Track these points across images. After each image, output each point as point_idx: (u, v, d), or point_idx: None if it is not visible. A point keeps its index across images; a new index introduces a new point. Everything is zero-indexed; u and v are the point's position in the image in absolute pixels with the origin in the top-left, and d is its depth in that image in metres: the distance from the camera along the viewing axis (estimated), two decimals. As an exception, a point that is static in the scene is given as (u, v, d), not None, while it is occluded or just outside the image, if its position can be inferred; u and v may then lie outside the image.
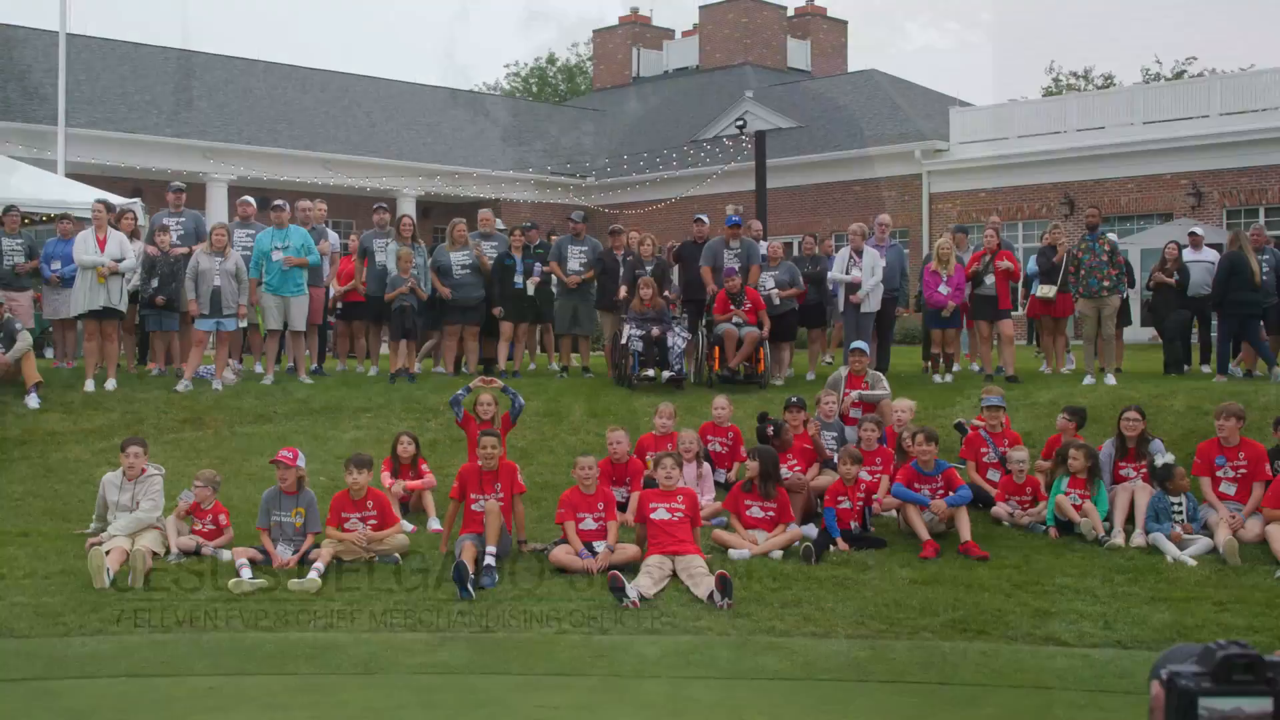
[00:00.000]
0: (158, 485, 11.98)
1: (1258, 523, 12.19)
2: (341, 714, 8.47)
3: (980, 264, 18.12)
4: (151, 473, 12.04)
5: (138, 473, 11.94)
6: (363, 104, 42.30)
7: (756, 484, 12.13)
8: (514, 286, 18.81)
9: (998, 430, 13.66)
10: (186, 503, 11.85)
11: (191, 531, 11.81)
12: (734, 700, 8.71)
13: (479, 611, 10.37)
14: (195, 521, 11.87)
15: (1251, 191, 31.58)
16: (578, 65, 75.16)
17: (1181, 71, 60.27)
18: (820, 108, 42.35)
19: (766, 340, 17.63)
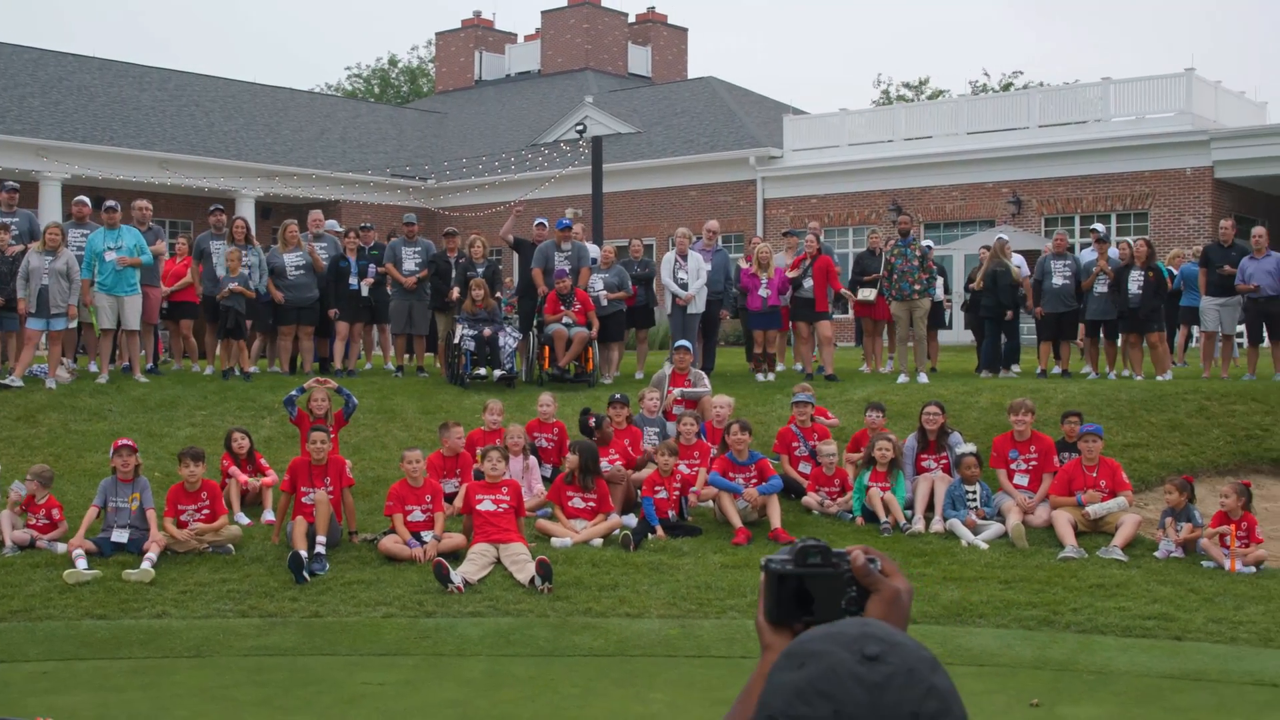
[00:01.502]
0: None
1: (1046, 509, 13.11)
2: (175, 694, 8.87)
3: (800, 268, 18.92)
4: (-16, 468, 12.24)
5: (-30, 468, 12.13)
6: (201, 103, 41.92)
7: (577, 476, 12.73)
8: (349, 288, 19.16)
9: (808, 425, 14.41)
10: (19, 495, 12.06)
11: (26, 525, 12.02)
12: (549, 675, 9.31)
13: (310, 597, 10.83)
14: (30, 516, 12.09)
15: (1068, 200, 32.99)
16: (420, 67, 75.11)
17: (1009, 84, 62.28)
18: (659, 114, 43.13)
19: (595, 340, 18.24)
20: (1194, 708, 8.58)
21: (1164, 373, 18.35)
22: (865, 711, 1.43)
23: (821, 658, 1.49)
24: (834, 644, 1.51)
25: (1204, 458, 14.88)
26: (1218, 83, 33.96)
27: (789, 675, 1.50)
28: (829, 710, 1.44)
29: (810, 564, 1.83)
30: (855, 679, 1.45)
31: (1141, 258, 18.22)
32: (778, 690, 1.49)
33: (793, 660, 1.52)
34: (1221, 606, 10.66)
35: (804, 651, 1.52)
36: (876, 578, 1.80)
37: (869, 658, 1.48)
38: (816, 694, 1.45)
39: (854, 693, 1.45)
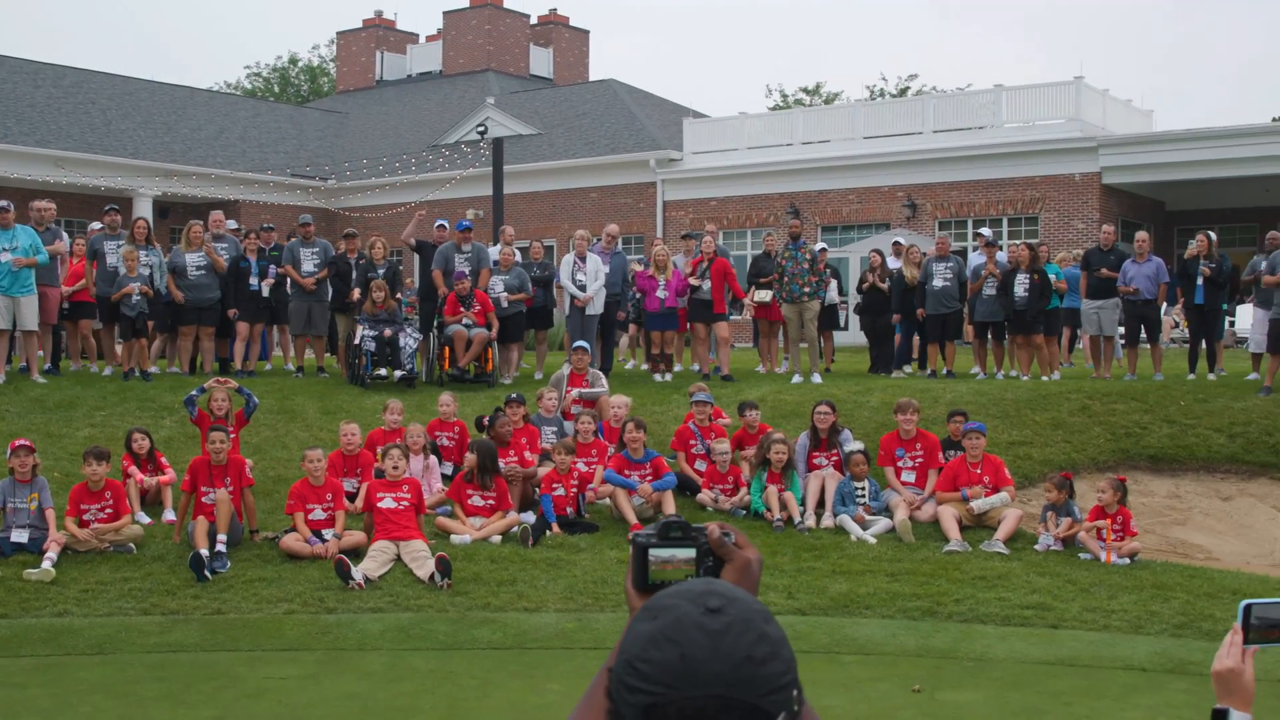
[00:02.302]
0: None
1: (932, 505, 13.55)
2: (77, 690, 8.97)
3: (697, 271, 19.26)
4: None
5: None
6: (98, 101, 41.45)
7: (476, 475, 12.96)
8: (249, 288, 19.20)
9: (705, 424, 14.73)
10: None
11: (-77, 526, 12.03)
12: (449, 668, 9.54)
13: (211, 595, 10.97)
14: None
15: (961, 204, 33.70)
16: (320, 66, 74.69)
17: (905, 89, 63.21)
18: (560, 115, 43.37)
19: (495, 341, 18.45)
20: (1067, 691, 9.00)
21: (1051, 373, 18.92)
22: (707, 654, 1.68)
23: (671, 610, 1.75)
24: (682, 599, 1.76)
25: (1085, 455, 15.41)
26: (1105, 91, 34.83)
27: (644, 626, 1.75)
28: (676, 654, 1.69)
29: (671, 538, 2.09)
30: (698, 627, 1.70)
31: (1025, 261, 18.74)
32: (635, 638, 1.74)
33: (648, 613, 1.77)
34: (1096, 596, 11.14)
35: (657, 606, 1.77)
36: (729, 548, 2.07)
37: (711, 610, 1.73)
38: (666, 640, 1.70)
39: (697, 639, 1.69)
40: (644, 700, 1.67)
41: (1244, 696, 2.96)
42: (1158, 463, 15.43)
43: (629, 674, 1.70)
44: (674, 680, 1.67)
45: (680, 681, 1.67)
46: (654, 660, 1.69)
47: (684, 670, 1.68)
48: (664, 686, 1.67)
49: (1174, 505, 14.83)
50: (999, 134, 33.75)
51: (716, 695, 1.66)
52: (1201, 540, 13.99)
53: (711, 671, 1.67)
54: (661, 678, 1.67)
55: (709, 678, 1.67)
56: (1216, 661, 2.96)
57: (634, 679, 1.69)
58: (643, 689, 1.68)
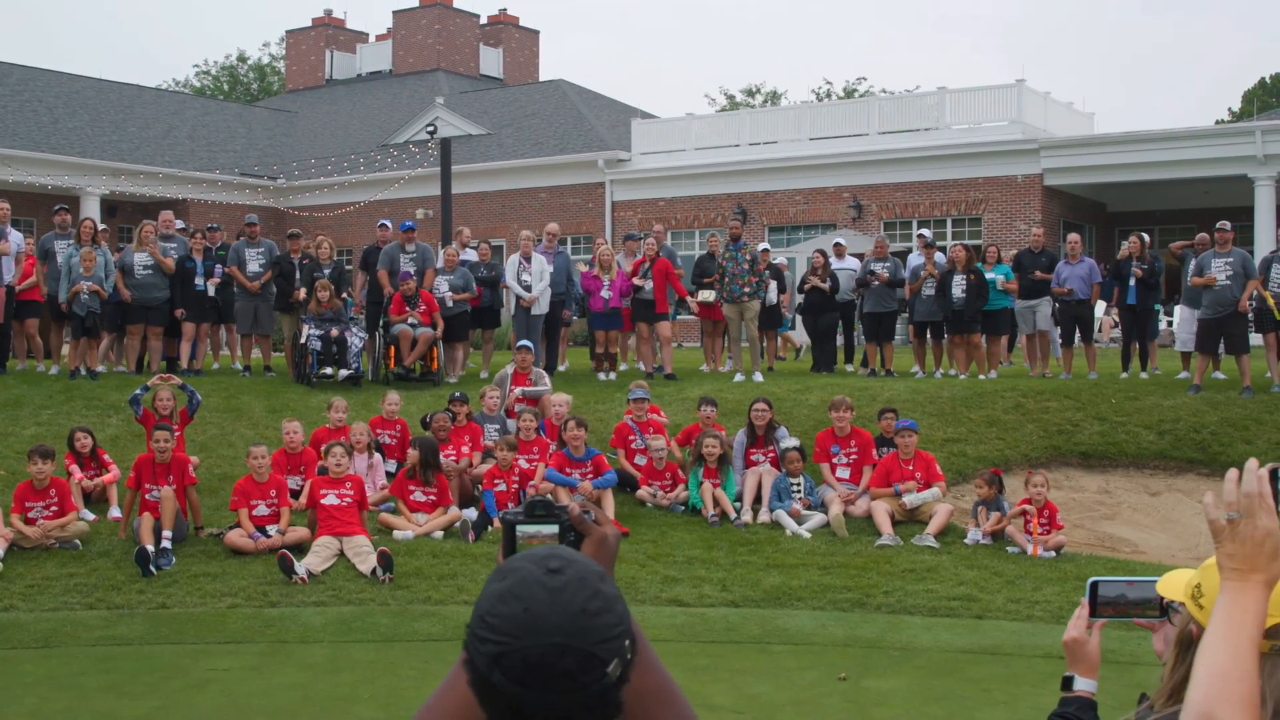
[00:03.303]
0: None
1: (866, 500, 13.88)
2: (23, 683, 9.15)
3: (639, 271, 19.52)
4: None
5: None
6: (44, 99, 41.24)
7: (418, 471, 13.19)
8: (195, 288, 19.32)
9: (643, 420, 15.00)
10: None
11: None
12: (389, 659, 9.79)
13: (156, 590, 11.17)
14: None
15: (905, 205, 34.09)
16: (270, 65, 74.51)
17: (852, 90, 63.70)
18: (510, 116, 43.52)
19: (440, 340, 18.66)
20: (987, 678, 9.33)
21: (989, 372, 19.29)
22: (547, 608, 1.92)
23: (517, 571, 1.99)
24: (527, 561, 2.01)
25: (1018, 451, 15.77)
26: (1047, 94, 35.30)
27: (494, 585, 1.99)
28: (520, 608, 1.92)
29: (536, 515, 2.34)
30: (540, 585, 1.95)
31: (961, 262, 19.09)
32: (486, 597, 1.98)
33: (499, 575, 2.01)
34: (1021, 588, 11.48)
35: (506, 568, 2.01)
36: (588, 524, 2.32)
37: (552, 570, 1.97)
38: (512, 596, 1.94)
39: (539, 594, 1.94)
40: (493, 650, 1.91)
41: (1089, 664, 3.27)
42: (1089, 459, 15.80)
43: (480, 627, 1.94)
44: (519, 631, 1.90)
45: (524, 632, 1.90)
46: (501, 614, 1.92)
47: (527, 622, 1.90)
48: (510, 637, 1.90)
49: (1104, 500, 15.21)
50: (943, 136, 34.14)
51: (556, 644, 1.89)
52: (1129, 534, 14.35)
53: (551, 623, 1.90)
54: (508, 629, 1.91)
55: (549, 629, 1.90)
56: (1065, 633, 3.27)
57: (484, 631, 1.93)
58: (492, 639, 1.91)
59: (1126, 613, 3.26)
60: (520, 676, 1.90)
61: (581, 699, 1.93)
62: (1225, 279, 16.79)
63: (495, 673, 1.91)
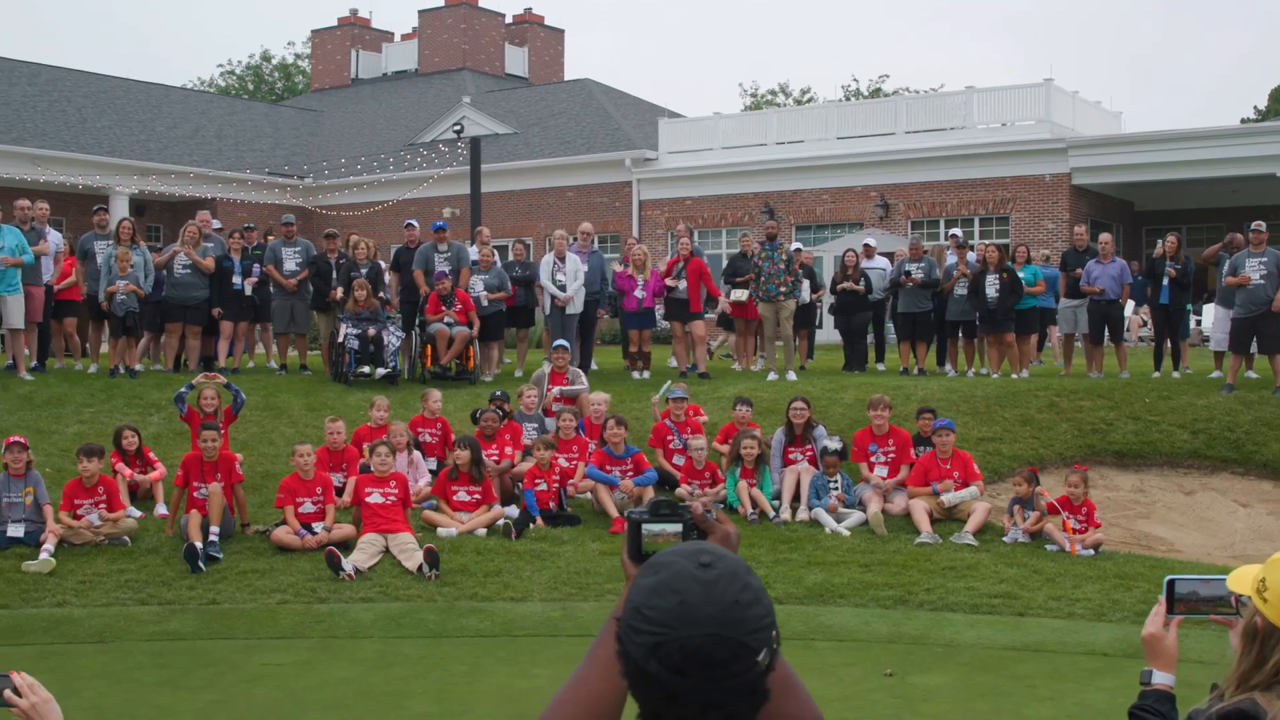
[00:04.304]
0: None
1: (904, 498, 13.97)
2: (81, 677, 9.30)
3: (673, 271, 19.63)
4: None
5: None
6: (73, 99, 41.46)
7: (465, 470, 13.30)
8: (233, 287, 19.49)
9: (681, 419, 15.11)
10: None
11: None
12: (439, 654, 9.92)
13: (206, 586, 11.32)
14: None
15: (933, 204, 34.11)
16: (294, 64, 74.77)
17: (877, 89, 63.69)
18: (536, 115, 43.63)
19: (476, 339, 18.80)
20: (1032, 675, 9.42)
21: (1020, 370, 19.34)
22: (701, 599, 2.03)
23: (669, 565, 2.10)
24: (678, 556, 2.12)
25: (1053, 450, 15.85)
26: (1075, 93, 35.29)
27: (647, 579, 2.10)
28: (676, 600, 2.03)
29: (661, 514, 2.45)
30: (694, 578, 2.06)
31: (994, 262, 19.14)
32: (639, 590, 2.09)
33: (650, 569, 2.12)
34: (1061, 585, 11.56)
35: (657, 563, 2.13)
36: (711, 523, 2.43)
37: (703, 564, 2.08)
38: (667, 590, 2.05)
39: (692, 587, 2.04)
40: (650, 640, 2.01)
41: (1167, 659, 3.39)
42: (1123, 458, 15.86)
43: (635, 619, 2.05)
44: (675, 622, 2.01)
45: (680, 623, 2.01)
46: (657, 606, 2.03)
47: (682, 613, 2.01)
48: (666, 628, 2.01)
49: (1138, 499, 15.27)
50: (971, 135, 34.15)
51: (710, 634, 2.00)
52: (1164, 533, 14.41)
53: (705, 614, 2.01)
54: (664, 620, 2.01)
55: (703, 619, 2.01)
56: (1144, 629, 3.38)
57: (640, 623, 2.04)
58: (648, 631, 2.02)
59: (1199, 609, 3.37)
60: (677, 665, 2.00)
61: (733, 687, 2.03)
62: (1259, 278, 16.83)
63: (651, 662, 2.01)
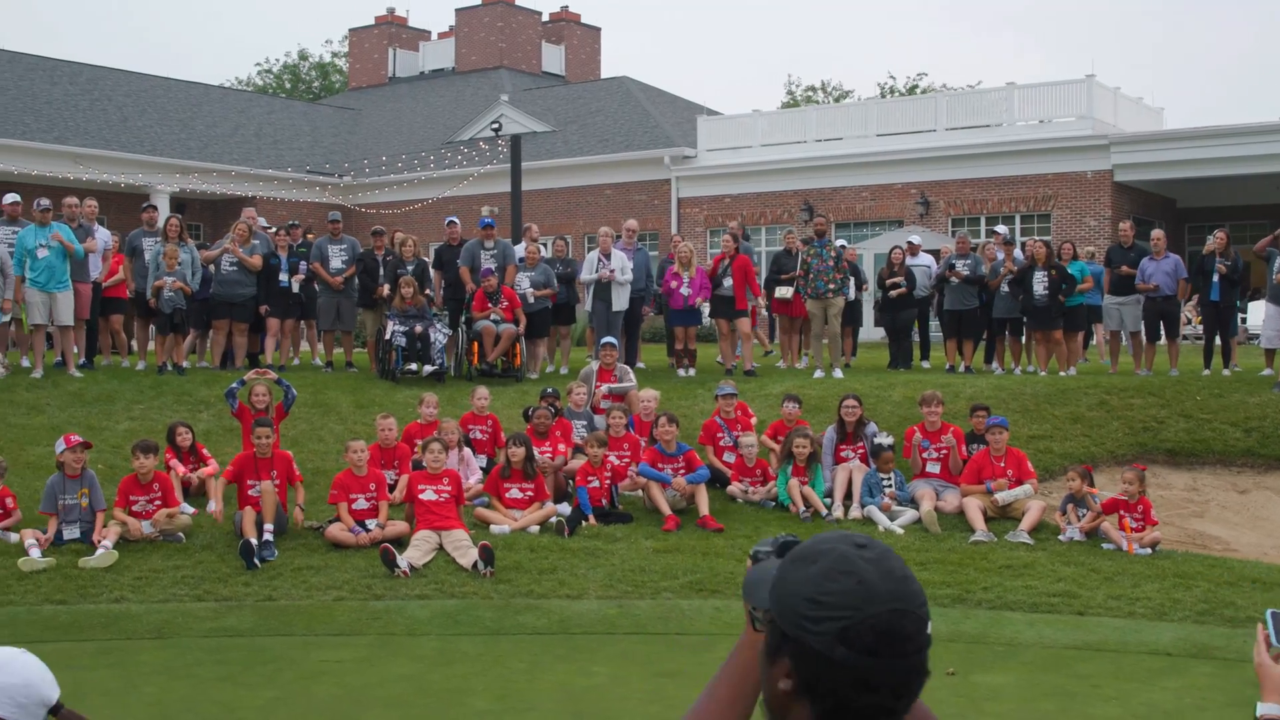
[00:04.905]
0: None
1: (957, 496, 13.88)
2: (141, 672, 9.32)
3: (718, 268, 19.58)
4: (-67, 460, 12.55)
5: (-80, 460, 12.43)
6: (114, 98, 41.71)
7: (518, 467, 13.28)
8: (279, 285, 19.54)
9: (731, 417, 15.06)
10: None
11: (-20, 515, 12.37)
12: (497, 652, 9.90)
13: (262, 582, 11.33)
14: (-18, 507, 12.43)
15: (974, 202, 33.97)
16: (332, 63, 75.01)
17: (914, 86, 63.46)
18: (574, 112, 43.64)
19: (523, 336, 18.80)
20: (1095, 674, 9.34)
21: (1068, 368, 19.20)
22: (876, 578, 1.99)
23: (829, 552, 2.04)
24: (833, 542, 2.07)
25: (1104, 448, 15.74)
26: (1117, 89, 35.08)
27: (806, 570, 2.04)
28: (853, 581, 1.99)
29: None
30: (860, 558, 2.01)
31: (1041, 258, 19.03)
32: (803, 582, 2.02)
33: (803, 560, 2.06)
34: (1120, 584, 11.46)
35: (810, 553, 2.06)
36: None
37: (860, 545, 2.04)
38: (838, 573, 2.00)
39: (864, 567, 2.00)
40: (835, 626, 1.96)
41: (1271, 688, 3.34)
42: (1175, 456, 15.74)
43: (812, 609, 1.98)
44: (858, 603, 1.96)
45: (863, 602, 1.96)
46: (834, 591, 1.98)
47: (863, 593, 1.97)
48: (851, 610, 1.96)
49: (1192, 498, 15.15)
50: (1011, 131, 34.03)
51: (894, 609, 1.96)
52: (1219, 532, 14.28)
53: (885, 590, 1.97)
54: (847, 603, 1.96)
55: (884, 596, 1.97)
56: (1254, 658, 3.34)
57: (819, 611, 1.98)
58: (831, 617, 1.96)
59: None
60: (870, 645, 1.94)
61: (917, 664, 1.99)
62: (1311, 274, 16.69)
63: (839, 649, 1.95)
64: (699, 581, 11.47)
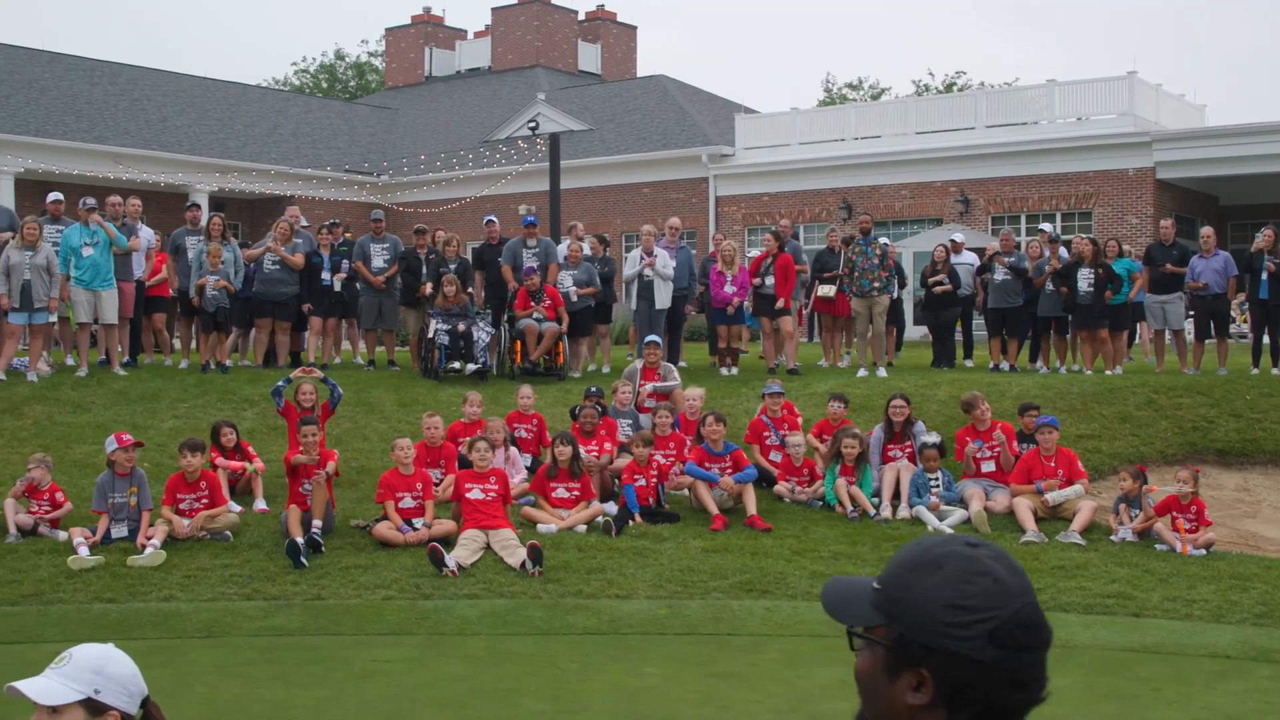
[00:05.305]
0: (-11, 469, 12.54)
1: (1007, 496, 13.75)
2: (192, 671, 9.29)
3: (760, 267, 19.47)
4: (-18, 458, 12.58)
5: (-31, 458, 12.45)
6: (153, 98, 41.89)
7: (566, 465, 13.22)
8: (322, 283, 19.54)
9: (778, 416, 14.97)
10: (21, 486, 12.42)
11: (29, 512, 12.36)
12: (549, 652, 9.82)
13: (310, 581, 11.30)
14: (31, 502, 12.43)
15: (1014, 200, 33.76)
16: (368, 63, 75.20)
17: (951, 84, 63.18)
18: (611, 111, 43.59)
19: (565, 335, 18.75)
20: (1154, 677, 9.21)
21: (1114, 367, 19.02)
22: (1005, 574, 1.96)
23: (949, 555, 2.00)
24: (947, 545, 2.03)
25: (1153, 448, 15.58)
26: (1159, 85, 34.82)
27: (934, 577, 1.98)
28: (988, 581, 1.95)
29: None
30: (983, 558, 1.98)
31: (1089, 256, 18.86)
32: (935, 589, 1.96)
33: (925, 568, 2.00)
34: (1175, 586, 11.33)
35: (929, 559, 2.01)
36: None
37: (971, 544, 2.01)
38: (972, 574, 1.96)
39: (993, 565, 1.97)
40: (985, 628, 1.91)
41: None
42: (1226, 456, 15.59)
43: (955, 615, 1.93)
44: (1000, 600, 1.93)
45: (1004, 600, 1.93)
46: (974, 593, 1.94)
47: (1001, 591, 1.94)
48: (995, 608, 1.92)
49: (1243, 498, 14.98)
50: (1052, 129, 33.83)
51: (1029, 602, 1.95)
52: (1272, 533, 14.09)
53: (1016, 585, 1.96)
54: (990, 603, 1.93)
55: (1018, 590, 1.95)
56: None
57: (964, 616, 1.93)
58: (979, 619, 1.92)
59: None
60: (1019, 641, 1.92)
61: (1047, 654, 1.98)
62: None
63: (990, 650, 1.91)
64: (749, 582, 11.39)
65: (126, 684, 3.38)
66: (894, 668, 1.99)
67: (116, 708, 3.31)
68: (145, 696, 3.52)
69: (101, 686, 3.27)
